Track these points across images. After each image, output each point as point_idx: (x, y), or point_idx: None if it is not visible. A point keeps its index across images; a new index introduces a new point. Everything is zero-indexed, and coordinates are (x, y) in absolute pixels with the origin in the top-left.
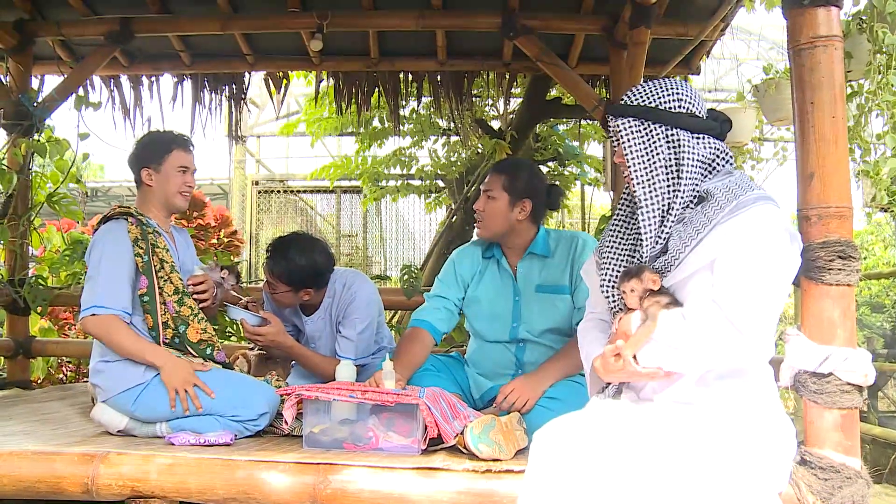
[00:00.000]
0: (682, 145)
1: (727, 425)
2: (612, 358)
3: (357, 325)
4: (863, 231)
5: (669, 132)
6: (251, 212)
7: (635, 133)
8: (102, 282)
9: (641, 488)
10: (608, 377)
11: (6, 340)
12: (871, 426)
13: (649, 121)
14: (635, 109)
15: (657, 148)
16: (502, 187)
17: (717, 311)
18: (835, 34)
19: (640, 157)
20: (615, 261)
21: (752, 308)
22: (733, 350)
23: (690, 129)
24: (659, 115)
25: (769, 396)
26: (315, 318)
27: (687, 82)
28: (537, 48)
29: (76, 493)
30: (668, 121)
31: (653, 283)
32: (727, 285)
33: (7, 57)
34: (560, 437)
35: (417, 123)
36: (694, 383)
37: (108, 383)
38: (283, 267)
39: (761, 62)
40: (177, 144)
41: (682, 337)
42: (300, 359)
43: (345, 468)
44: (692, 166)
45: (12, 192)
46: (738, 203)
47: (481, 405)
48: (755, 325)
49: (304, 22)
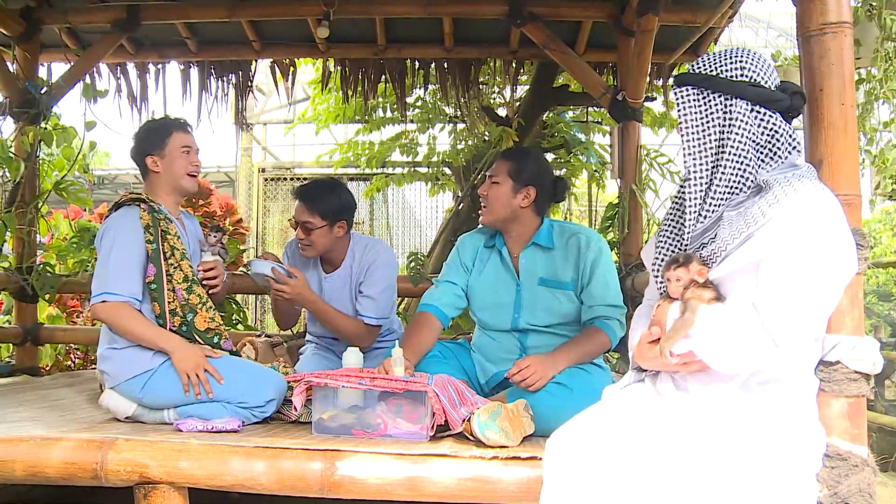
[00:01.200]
0: (735, 116)
1: (758, 431)
2: (647, 345)
3: (379, 283)
4: (871, 219)
5: (727, 101)
6: (258, 199)
7: (692, 102)
8: (113, 268)
9: (660, 489)
10: (643, 364)
11: (14, 328)
12: (879, 415)
13: (707, 89)
14: (696, 77)
15: (711, 118)
16: (507, 173)
17: (756, 317)
18: (845, 20)
19: (694, 127)
20: (667, 243)
21: (792, 321)
22: (766, 359)
23: (749, 98)
24: (717, 83)
25: (806, 407)
26: (335, 277)
27: (757, 53)
28: (544, 35)
29: (85, 479)
30: (725, 89)
31: (699, 274)
32: (769, 292)
33: (14, 45)
34: (575, 443)
35: (424, 111)
36: (737, 385)
37: (115, 370)
38: (318, 200)
39: (770, 49)
40: (175, 127)
41: (717, 337)
42: (321, 314)
43: (352, 454)
44: (740, 141)
45: (20, 180)
46: (795, 200)
47: (487, 390)
48: (793, 339)
49: (310, 9)
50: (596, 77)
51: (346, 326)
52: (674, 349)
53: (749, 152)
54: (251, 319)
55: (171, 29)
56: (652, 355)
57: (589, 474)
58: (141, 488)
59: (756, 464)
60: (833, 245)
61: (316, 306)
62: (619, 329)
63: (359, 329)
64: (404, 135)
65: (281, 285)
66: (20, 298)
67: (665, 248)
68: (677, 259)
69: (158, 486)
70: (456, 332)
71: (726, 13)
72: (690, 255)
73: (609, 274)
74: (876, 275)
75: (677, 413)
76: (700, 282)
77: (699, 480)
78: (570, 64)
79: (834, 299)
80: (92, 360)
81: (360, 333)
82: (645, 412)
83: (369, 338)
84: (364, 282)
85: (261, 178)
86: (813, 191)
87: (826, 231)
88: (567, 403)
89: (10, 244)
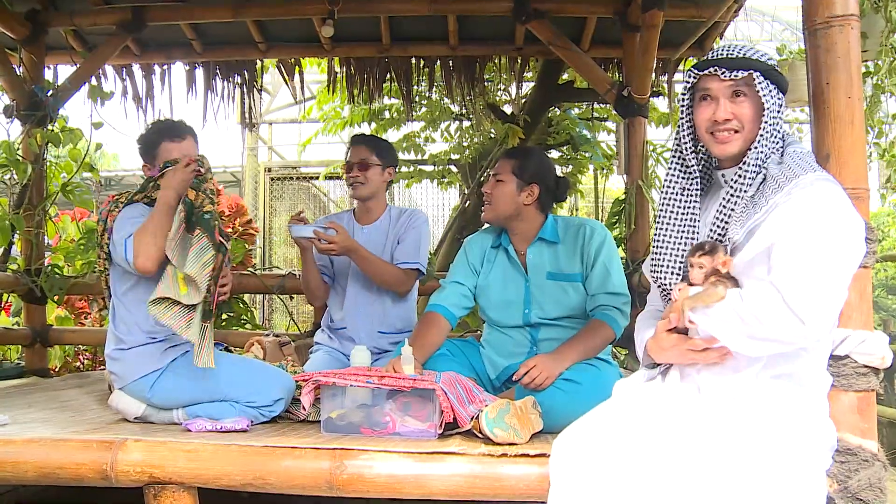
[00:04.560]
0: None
1: (769, 426)
2: (665, 333)
3: (415, 236)
4: (879, 212)
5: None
6: (264, 199)
7: (763, 89)
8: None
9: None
10: (660, 356)
11: (24, 329)
12: (888, 409)
13: (767, 80)
14: (761, 65)
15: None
16: (511, 171)
17: (777, 295)
18: (851, 13)
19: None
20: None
21: (815, 295)
22: (793, 338)
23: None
24: (770, 73)
25: (817, 402)
26: (372, 229)
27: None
28: (549, 32)
29: (95, 480)
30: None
31: (723, 264)
32: (787, 269)
33: (20, 47)
34: (582, 443)
35: (430, 109)
36: (748, 379)
37: (123, 370)
38: (377, 143)
39: (775, 43)
40: (166, 137)
41: (740, 319)
42: (363, 261)
43: (361, 453)
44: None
45: (27, 182)
46: (796, 183)
47: (498, 385)
48: (818, 314)
49: (315, 8)
50: (601, 73)
51: (387, 271)
52: (697, 329)
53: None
54: (259, 319)
55: (177, 30)
56: (670, 343)
57: (596, 474)
58: (151, 488)
59: (767, 459)
60: (841, 220)
61: (359, 254)
62: (622, 318)
63: (398, 274)
64: (415, 135)
65: (327, 243)
66: (29, 300)
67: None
68: (703, 246)
69: (168, 487)
70: (463, 329)
71: (731, 7)
72: (716, 243)
73: (611, 262)
74: (884, 268)
75: (688, 409)
76: (722, 272)
77: (709, 476)
78: (576, 60)
79: (850, 273)
80: (101, 361)
81: (400, 278)
82: (655, 409)
83: (408, 282)
84: (403, 235)
85: (267, 178)
86: (813, 172)
87: (833, 207)
88: (576, 399)
89: (19, 246)
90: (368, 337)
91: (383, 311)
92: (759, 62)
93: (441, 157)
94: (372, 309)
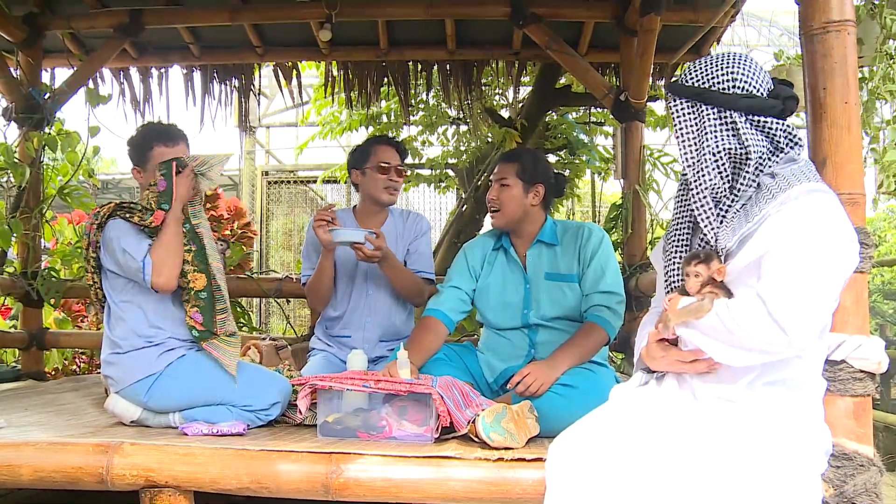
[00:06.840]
0: (731, 126)
1: (763, 432)
2: (656, 343)
3: (428, 245)
4: (875, 217)
5: (722, 113)
6: (261, 202)
7: (685, 115)
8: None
9: (665, 491)
10: (651, 364)
11: (20, 332)
12: (884, 414)
13: (700, 103)
14: (689, 91)
15: (707, 129)
16: (516, 174)
17: (762, 307)
18: (848, 19)
19: (691, 139)
20: (677, 244)
21: (797, 306)
22: (776, 349)
23: (743, 110)
24: (710, 97)
25: (812, 408)
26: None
27: (748, 57)
28: (547, 36)
29: (91, 484)
30: (719, 102)
31: (718, 273)
32: (772, 280)
33: (17, 50)
34: (577, 448)
35: (427, 113)
36: (743, 385)
37: (120, 374)
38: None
39: (772, 48)
40: (159, 141)
41: (723, 330)
42: (392, 270)
43: (357, 457)
44: (755, 151)
45: (24, 185)
46: (789, 194)
47: (495, 388)
48: (800, 325)
49: (313, 12)
50: (598, 77)
51: (413, 281)
52: (685, 341)
53: (763, 152)
54: (255, 322)
55: (174, 33)
56: (661, 354)
57: (592, 478)
58: (147, 492)
59: (762, 464)
60: (832, 231)
61: (390, 261)
62: (616, 319)
63: (421, 284)
64: (412, 139)
65: (373, 252)
66: (25, 303)
67: (674, 249)
68: (698, 255)
69: (164, 490)
70: (460, 333)
71: (729, 12)
72: (711, 252)
73: (606, 262)
74: (881, 273)
75: (682, 415)
76: (718, 280)
77: (705, 481)
78: (573, 64)
79: (838, 284)
80: (97, 365)
81: (423, 288)
82: (649, 415)
83: (426, 293)
84: (414, 242)
85: (264, 182)
86: (808, 182)
87: (824, 218)
88: (573, 404)
89: (15, 249)
90: (369, 344)
91: (387, 317)
92: (686, 88)
93: (438, 161)
94: (375, 317)
